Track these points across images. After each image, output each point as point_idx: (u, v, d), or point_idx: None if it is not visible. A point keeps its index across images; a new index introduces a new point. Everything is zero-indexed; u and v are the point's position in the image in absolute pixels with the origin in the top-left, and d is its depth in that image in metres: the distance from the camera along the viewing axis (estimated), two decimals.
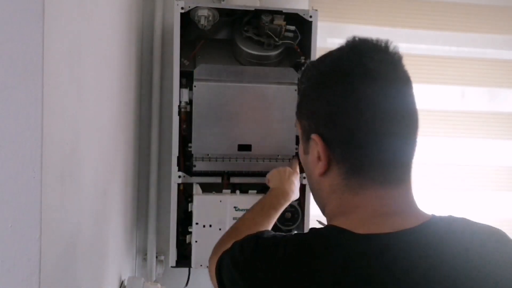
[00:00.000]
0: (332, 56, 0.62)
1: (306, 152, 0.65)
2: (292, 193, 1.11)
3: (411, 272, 0.54)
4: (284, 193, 1.09)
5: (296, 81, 1.32)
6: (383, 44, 0.61)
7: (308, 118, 0.63)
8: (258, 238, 0.64)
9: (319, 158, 0.61)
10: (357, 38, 0.63)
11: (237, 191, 1.33)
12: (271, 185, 1.15)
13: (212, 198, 1.30)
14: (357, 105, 0.57)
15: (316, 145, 0.61)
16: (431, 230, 0.57)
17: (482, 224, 0.61)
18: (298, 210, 1.35)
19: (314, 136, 0.60)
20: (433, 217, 0.60)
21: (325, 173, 0.61)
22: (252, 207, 1.02)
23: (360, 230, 0.57)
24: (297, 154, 1.34)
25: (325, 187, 0.63)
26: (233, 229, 0.93)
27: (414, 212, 0.60)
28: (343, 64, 0.60)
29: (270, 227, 0.96)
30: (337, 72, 0.60)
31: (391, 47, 0.61)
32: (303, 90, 0.64)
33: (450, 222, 0.60)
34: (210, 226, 1.29)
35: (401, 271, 0.54)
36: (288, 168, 1.19)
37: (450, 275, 0.54)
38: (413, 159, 0.61)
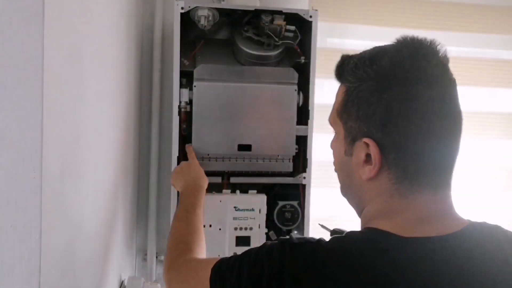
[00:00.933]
0: (390, 58, 0.60)
1: (348, 154, 0.64)
2: (202, 179, 1.12)
3: (459, 276, 0.55)
4: (195, 186, 1.08)
5: (296, 81, 1.32)
6: (436, 47, 0.63)
7: (360, 121, 0.61)
8: (291, 244, 0.60)
9: (366, 161, 0.60)
10: (409, 39, 0.64)
11: (237, 191, 1.33)
12: (178, 188, 1.13)
13: (212, 198, 1.30)
14: (417, 110, 0.57)
15: (365, 149, 0.60)
16: (473, 235, 0.59)
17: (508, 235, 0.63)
18: (298, 210, 1.35)
19: (367, 140, 0.59)
20: (471, 222, 0.61)
21: (375, 176, 0.60)
22: (176, 216, 0.99)
23: (406, 233, 0.58)
24: (296, 154, 1.34)
25: (370, 190, 0.62)
26: (172, 240, 0.92)
27: (455, 216, 0.62)
28: (404, 67, 0.59)
29: (202, 225, 0.98)
30: (397, 76, 0.58)
31: (442, 50, 0.63)
32: (354, 90, 0.62)
33: (486, 229, 0.62)
34: (210, 226, 1.29)
35: (449, 275, 0.55)
36: (182, 162, 1.19)
37: (485, 281, 0.56)
38: (455, 163, 0.62)
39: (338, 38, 1.75)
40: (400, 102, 0.57)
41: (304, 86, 1.35)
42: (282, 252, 0.59)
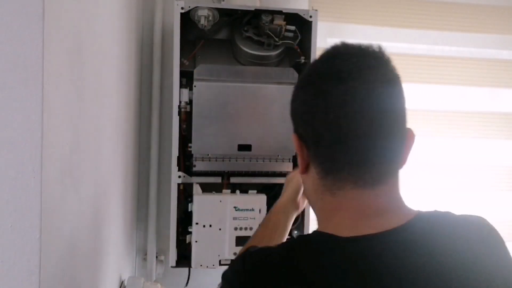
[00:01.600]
0: (313, 60, 0.64)
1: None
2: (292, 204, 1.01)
3: (398, 272, 0.54)
4: (286, 205, 0.99)
5: (296, 81, 1.32)
6: (368, 49, 0.61)
7: (291, 118, 0.65)
8: (245, 255, 0.63)
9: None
10: (340, 43, 0.63)
11: (237, 191, 1.33)
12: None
13: (212, 198, 1.30)
14: (324, 106, 0.58)
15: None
16: (416, 227, 0.57)
17: (464, 216, 0.62)
18: None
19: (292, 135, 0.64)
20: (418, 213, 0.60)
21: (306, 171, 0.64)
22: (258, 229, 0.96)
23: (344, 233, 0.57)
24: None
25: (308, 185, 0.65)
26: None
27: (398, 211, 0.60)
28: (317, 66, 0.62)
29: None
30: (311, 74, 0.62)
31: (377, 50, 0.61)
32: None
33: (435, 218, 0.60)
34: (210, 226, 1.29)
35: (388, 271, 0.54)
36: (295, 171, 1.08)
37: (439, 271, 0.54)
38: (396, 159, 0.60)
39: (338, 38, 1.74)
40: (311, 98, 0.60)
41: None
42: (234, 277, 0.63)
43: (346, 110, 0.57)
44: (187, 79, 1.33)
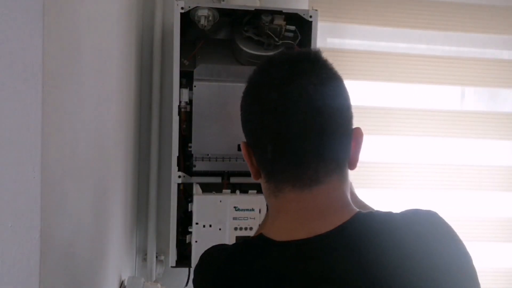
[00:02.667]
0: (252, 70, 0.66)
1: None
2: None
3: (325, 278, 0.53)
4: None
5: None
6: (303, 54, 0.63)
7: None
8: (202, 254, 0.67)
9: None
10: (278, 52, 0.67)
11: (237, 191, 1.33)
12: None
13: (212, 198, 1.30)
14: (260, 112, 0.60)
15: None
16: (347, 232, 0.56)
17: (407, 214, 0.59)
18: None
19: (241, 142, 0.65)
20: (354, 216, 0.58)
21: (257, 177, 0.65)
22: None
23: (281, 237, 0.58)
24: None
25: (263, 190, 0.66)
26: None
27: (336, 212, 0.59)
28: (255, 76, 0.64)
29: None
30: (250, 83, 0.64)
31: (312, 55, 0.63)
32: None
33: (371, 219, 0.58)
34: (210, 226, 1.29)
35: (314, 277, 0.54)
36: None
37: (366, 274, 0.53)
38: (337, 157, 0.60)
39: (338, 38, 1.75)
40: (248, 105, 0.63)
41: None
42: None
43: (279, 114, 0.58)
44: (187, 79, 1.33)
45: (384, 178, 1.76)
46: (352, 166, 0.64)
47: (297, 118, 0.58)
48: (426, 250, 0.55)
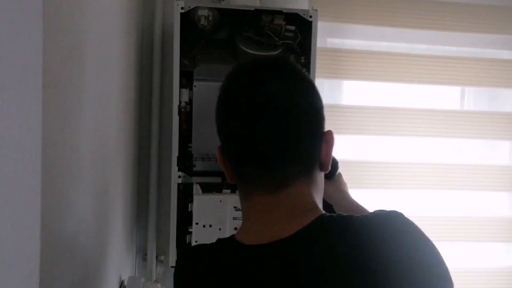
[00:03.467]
0: (225, 76, 0.68)
1: None
2: None
3: (283, 284, 0.54)
4: None
5: None
6: (272, 61, 0.65)
7: None
8: (180, 254, 0.71)
9: None
10: (251, 59, 0.68)
11: (237, 191, 1.33)
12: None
13: (212, 198, 1.30)
14: (227, 117, 0.62)
15: None
16: (307, 236, 0.56)
17: (366, 218, 0.58)
18: None
19: (217, 147, 0.67)
20: (315, 219, 0.58)
21: (231, 180, 0.67)
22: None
23: (249, 240, 0.60)
24: None
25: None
26: None
27: (298, 217, 0.59)
28: (224, 83, 0.65)
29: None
30: (221, 89, 0.66)
31: (281, 61, 0.64)
32: None
33: (331, 223, 0.58)
34: (210, 226, 1.28)
35: (267, 284, 0.55)
36: None
37: (324, 283, 0.52)
38: (305, 160, 0.61)
39: (338, 38, 1.75)
40: (220, 112, 0.64)
41: None
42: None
43: (245, 119, 0.60)
44: (187, 79, 1.33)
45: (384, 178, 1.76)
46: (324, 168, 0.64)
47: (263, 123, 0.59)
48: (389, 251, 0.54)
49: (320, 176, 0.65)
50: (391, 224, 0.58)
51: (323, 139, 0.63)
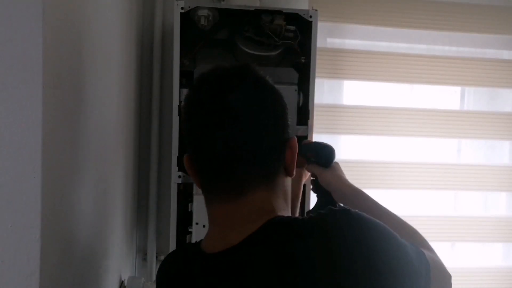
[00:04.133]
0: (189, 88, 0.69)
1: None
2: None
3: None
4: None
5: (296, 81, 1.32)
6: (231, 70, 0.65)
7: None
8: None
9: None
10: (212, 68, 0.67)
11: None
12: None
13: None
14: (188, 127, 0.64)
15: None
16: (251, 242, 0.57)
17: (314, 219, 0.57)
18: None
19: (185, 155, 0.66)
20: (264, 224, 0.58)
21: (199, 187, 0.66)
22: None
23: (208, 248, 0.62)
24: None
25: None
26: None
27: (251, 222, 0.59)
28: (189, 91, 0.67)
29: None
30: (185, 99, 0.67)
31: (240, 70, 0.65)
32: None
33: (277, 225, 0.58)
34: None
35: None
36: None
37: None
38: (265, 168, 0.61)
39: (338, 38, 1.75)
40: (183, 122, 0.66)
41: (304, 86, 1.35)
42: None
43: (204, 130, 0.61)
44: (187, 79, 1.33)
45: (383, 178, 1.76)
46: (289, 173, 0.65)
47: (222, 132, 0.60)
48: (340, 251, 0.53)
49: (286, 180, 0.65)
50: (345, 224, 0.56)
51: (287, 146, 0.64)
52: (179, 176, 1.31)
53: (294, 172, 0.65)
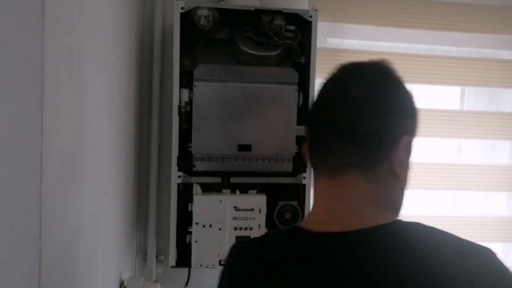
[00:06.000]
0: (329, 74, 0.70)
1: None
2: None
3: (355, 275, 0.54)
4: None
5: (296, 81, 1.32)
6: (367, 63, 0.68)
7: None
8: (231, 248, 0.69)
9: None
10: (344, 64, 0.69)
11: (237, 191, 1.33)
12: None
13: (212, 198, 1.30)
14: (312, 105, 0.68)
15: None
16: (387, 233, 0.56)
17: (454, 238, 0.59)
18: (298, 210, 1.36)
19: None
20: (397, 221, 0.59)
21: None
22: None
23: (314, 227, 0.60)
24: (296, 154, 1.34)
25: None
26: None
27: (365, 211, 0.59)
28: (324, 83, 0.68)
29: None
30: (320, 88, 0.68)
31: (378, 66, 0.67)
32: None
33: (409, 230, 0.58)
34: (210, 226, 1.29)
35: (346, 272, 0.55)
36: None
37: (393, 281, 0.52)
38: (360, 155, 0.60)
39: (338, 38, 1.75)
40: (311, 104, 0.69)
41: (304, 86, 1.35)
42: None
43: (322, 106, 0.65)
44: (187, 79, 1.33)
45: None
46: (394, 173, 0.62)
47: (333, 108, 0.62)
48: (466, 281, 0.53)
49: (389, 180, 0.61)
50: (481, 261, 0.58)
51: (399, 143, 0.61)
52: (179, 176, 1.31)
53: (399, 175, 0.62)
